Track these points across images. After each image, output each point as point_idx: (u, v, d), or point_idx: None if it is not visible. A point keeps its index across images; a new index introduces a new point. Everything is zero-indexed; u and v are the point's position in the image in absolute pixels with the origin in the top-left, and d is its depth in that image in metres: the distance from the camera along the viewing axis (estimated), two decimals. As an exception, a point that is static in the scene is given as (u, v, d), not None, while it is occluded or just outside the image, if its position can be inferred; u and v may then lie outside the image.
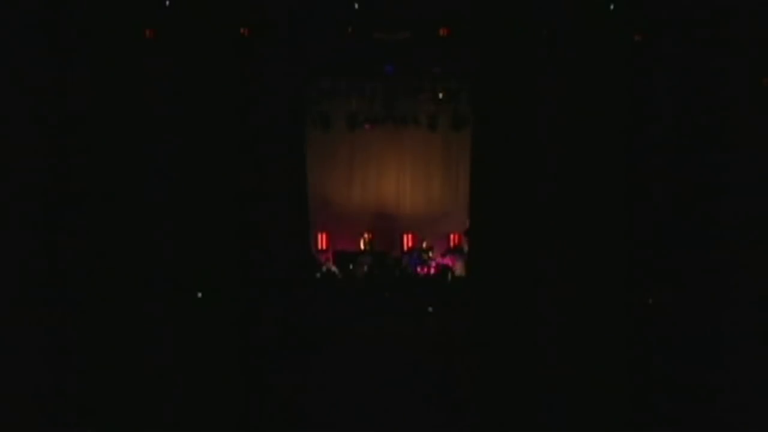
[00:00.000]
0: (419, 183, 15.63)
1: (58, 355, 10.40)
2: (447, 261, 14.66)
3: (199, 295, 10.39)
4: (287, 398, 9.72)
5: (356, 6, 12.71)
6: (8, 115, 12.04)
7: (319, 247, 14.92)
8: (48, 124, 12.17)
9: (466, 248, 14.83)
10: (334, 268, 14.26)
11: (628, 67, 11.77)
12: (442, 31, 13.00)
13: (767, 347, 10.32)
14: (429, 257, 14.63)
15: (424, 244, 14.82)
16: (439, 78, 14.30)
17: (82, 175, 11.45)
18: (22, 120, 12.17)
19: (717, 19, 11.62)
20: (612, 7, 12.18)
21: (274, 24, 12.36)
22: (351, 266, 14.18)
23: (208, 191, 11.46)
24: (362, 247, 14.78)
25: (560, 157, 12.01)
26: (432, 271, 14.48)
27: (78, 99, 11.79)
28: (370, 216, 15.39)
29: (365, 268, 14.18)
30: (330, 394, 9.86)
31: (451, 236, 15.16)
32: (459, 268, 14.41)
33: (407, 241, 15.05)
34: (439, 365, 10.59)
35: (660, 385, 10.27)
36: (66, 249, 10.83)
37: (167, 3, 12.22)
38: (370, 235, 14.86)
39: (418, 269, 14.47)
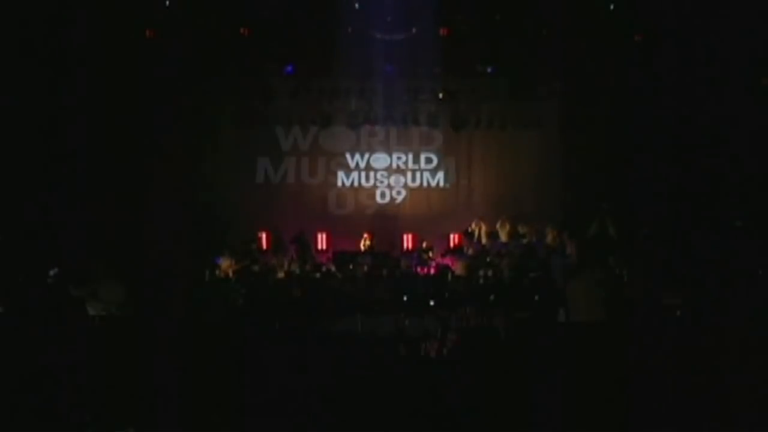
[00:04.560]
0: (420, 183, 15.62)
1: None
2: (447, 261, 14.61)
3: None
4: (286, 397, 9.70)
5: (356, 6, 12.75)
6: (8, 115, 12.08)
7: (319, 247, 14.90)
8: (48, 123, 12.20)
9: (466, 249, 14.83)
10: (333, 269, 14.22)
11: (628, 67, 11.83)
12: (442, 31, 13.03)
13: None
14: (429, 257, 14.59)
15: (424, 244, 14.78)
16: (439, 78, 14.30)
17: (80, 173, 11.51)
18: (22, 119, 12.20)
19: (717, 19, 11.66)
20: (612, 7, 12.24)
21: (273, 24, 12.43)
22: (351, 266, 14.13)
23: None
24: (362, 247, 14.75)
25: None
26: (432, 271, 14.43)
27: (77, 98, 11.83)
28: (370, 216, 15.36)
29: (365, 268, 14.12)
30: (329, 394, 9.84)
31: (451, 236, 15.13)
32: (459, 268, 14.36)
33: (407, 241, 15.01)
34: (438, 365, 10.56)
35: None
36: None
37: (167, 3, 12.28)
38: (370, 236, 14.82)
39: (418, 269, 14.43)
